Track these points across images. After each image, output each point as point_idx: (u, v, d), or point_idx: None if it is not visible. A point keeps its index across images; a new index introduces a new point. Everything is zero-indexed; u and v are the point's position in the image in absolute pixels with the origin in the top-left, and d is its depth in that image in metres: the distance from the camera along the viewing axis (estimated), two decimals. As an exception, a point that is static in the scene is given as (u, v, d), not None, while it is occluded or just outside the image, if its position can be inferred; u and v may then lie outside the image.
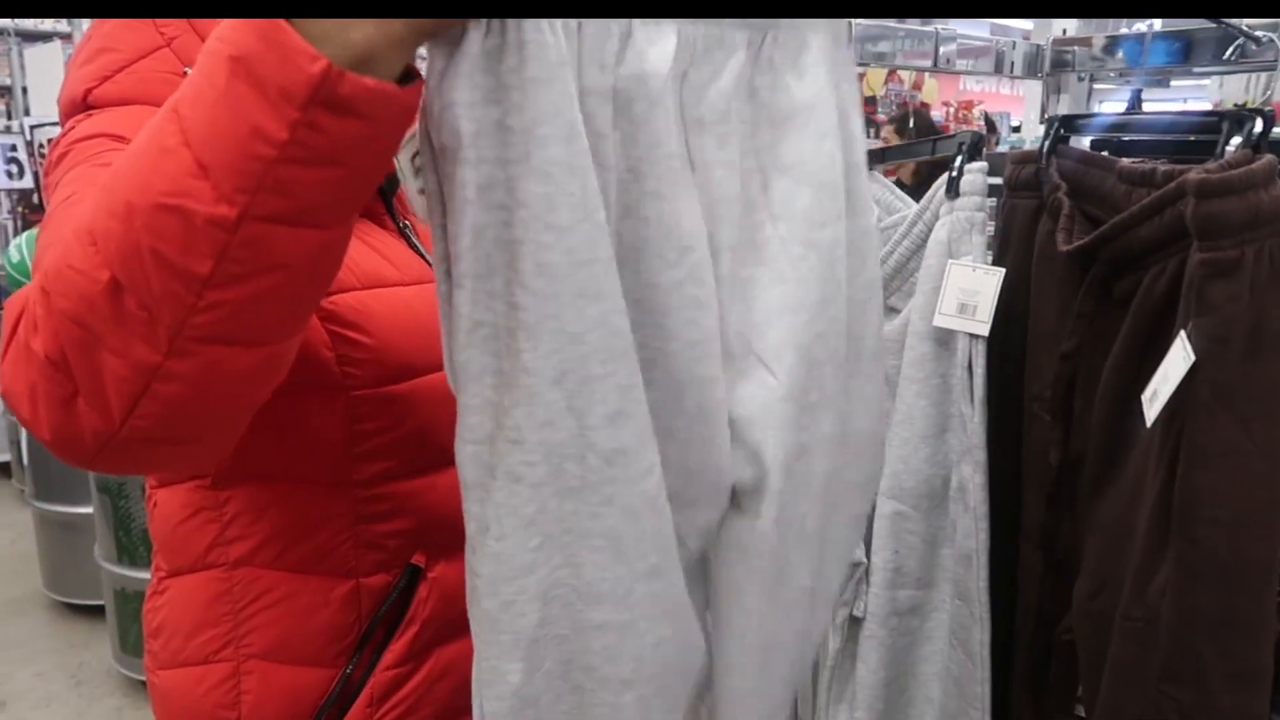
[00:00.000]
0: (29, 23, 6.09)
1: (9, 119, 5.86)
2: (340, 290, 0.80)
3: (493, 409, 0.59)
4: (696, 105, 0.62)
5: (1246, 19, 1.41)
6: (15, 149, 4.15)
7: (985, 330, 1.04)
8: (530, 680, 0.62)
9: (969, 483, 1.08)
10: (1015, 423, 1.06)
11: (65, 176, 0.73)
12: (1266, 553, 0.81)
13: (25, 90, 5.20)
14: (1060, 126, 1.05)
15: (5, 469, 4.51)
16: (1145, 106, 1.23)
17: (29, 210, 4.19)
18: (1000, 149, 1.08)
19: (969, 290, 1.04)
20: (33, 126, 3.85)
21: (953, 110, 6.38)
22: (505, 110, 0.53)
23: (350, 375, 0.81)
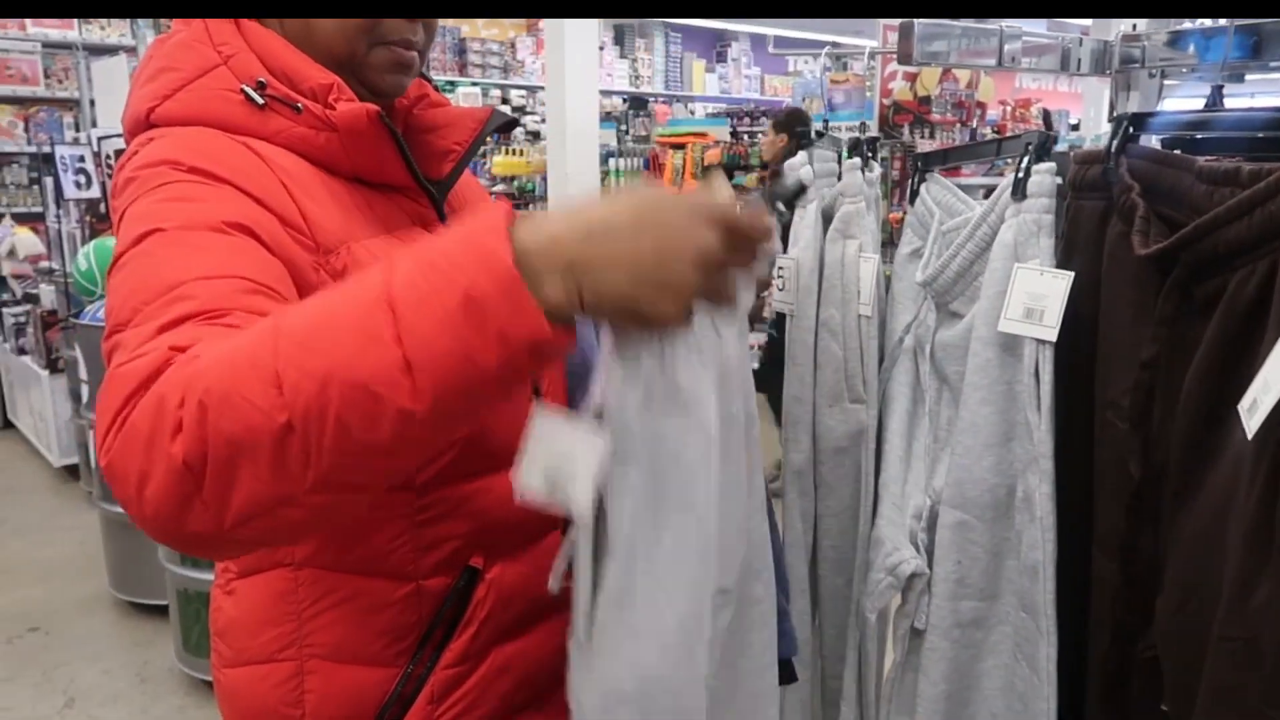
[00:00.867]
0: (95, 37, 6.29)
1: (77, 130, 6.06)
2: None
3: None
4: None
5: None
6: (83, 160, 4.28)
7: (1053, 336, 1.00)
8: None
9: (1035, 492, 1.05)
10: (1084, 431, 1.03)
11: (131, 208, 0.76)
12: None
13: (93, 103, 5.37)
14: (1130, 125, 1.01)
15: (73, 471, 4.64)
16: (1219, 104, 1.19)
17: (96, 219, 4.31)
18: (1059, 148, 1.06)
19: (1036, 295, 1.01)
20: (100, 138, 3.96)
21: (1010, 109, 6.25)
22: None
23: None
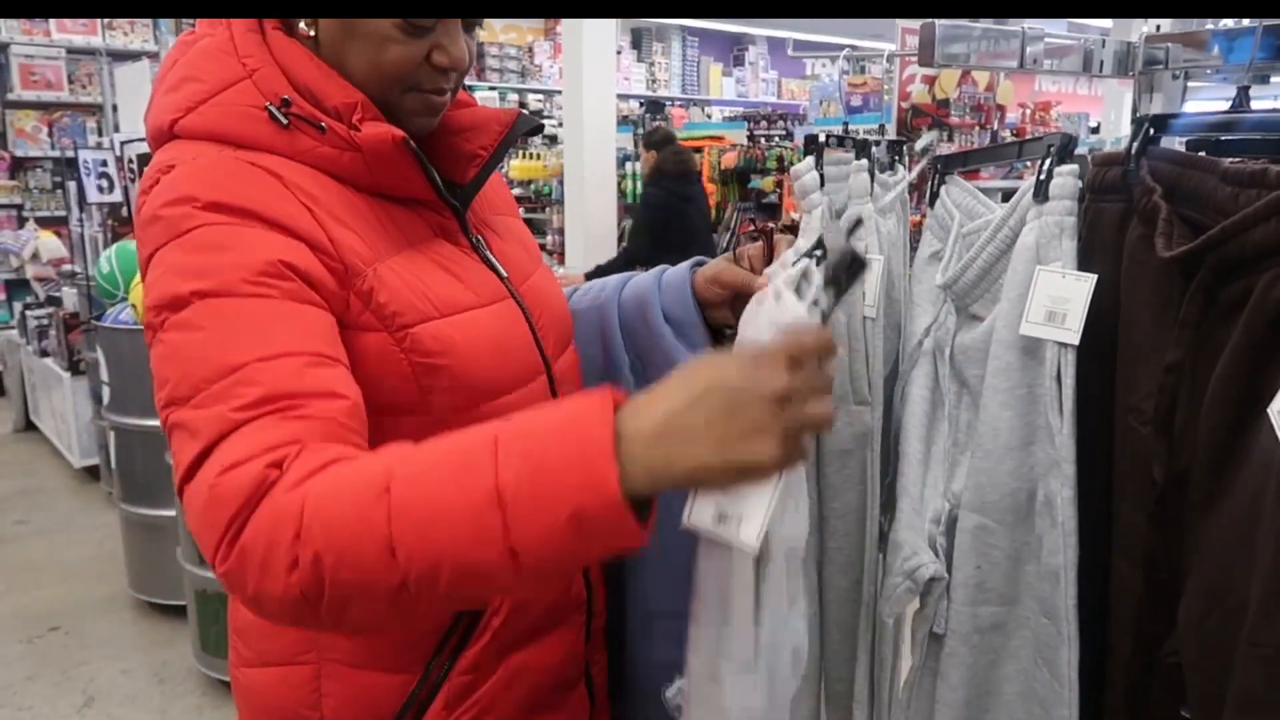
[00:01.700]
0: (118, 43, 6.36)
1: (100, 135, 6.13)
2: (421, 321, 0.81)
3: None
4: None
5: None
6: (106, 164, 4.33)
7: (1075, 339, 1.00)
8: None
9: (1056, 497, 1.04)
10: (1105, 435, 1.02)
11: (159, 255, 0.76)
12: None
13: (115, 108, 5.43)
14: (1151, 126, 1.00)
15: (94, 472, 4.68)
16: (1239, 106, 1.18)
17: (118, 223, 4.35)
18: (1079, 151, 1.05)
19: (1058, 297, 1.00)
20: (123, 142, 4.00)
21: (1029, 112, 6.21)
22: None
23: (435, 402, 0.82)
